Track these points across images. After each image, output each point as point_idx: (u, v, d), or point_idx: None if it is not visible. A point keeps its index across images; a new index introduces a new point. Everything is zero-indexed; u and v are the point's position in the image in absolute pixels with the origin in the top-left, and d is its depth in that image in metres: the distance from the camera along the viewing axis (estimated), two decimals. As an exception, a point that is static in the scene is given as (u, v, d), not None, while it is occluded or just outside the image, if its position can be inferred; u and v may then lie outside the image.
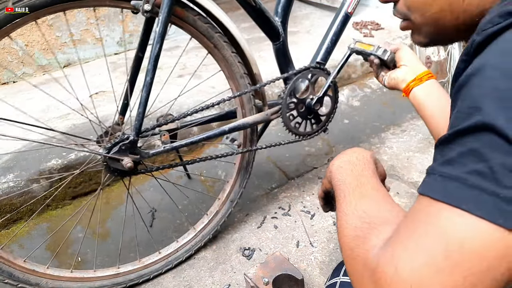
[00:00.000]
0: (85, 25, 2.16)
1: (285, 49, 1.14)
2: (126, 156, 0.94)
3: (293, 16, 2.85)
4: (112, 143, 0.93)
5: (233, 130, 1.07)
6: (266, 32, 1.09)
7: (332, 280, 0.69)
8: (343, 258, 0.46)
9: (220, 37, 0.98)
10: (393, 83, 0.89)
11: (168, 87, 1.21)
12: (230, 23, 0.99)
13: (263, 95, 1.12)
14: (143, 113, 0.92)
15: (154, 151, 0.99)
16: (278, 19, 1.10)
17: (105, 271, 1.08)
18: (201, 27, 0.96)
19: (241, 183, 1.20)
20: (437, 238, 0.34)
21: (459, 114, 0.36)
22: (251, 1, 0.99)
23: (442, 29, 0.51)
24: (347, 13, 1.17)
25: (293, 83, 1.10)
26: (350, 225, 0.46)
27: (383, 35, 2.42)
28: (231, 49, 1.01)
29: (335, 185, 0.58)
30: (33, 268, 0.98)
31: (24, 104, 1.77)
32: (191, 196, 1.40)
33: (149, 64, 0.90)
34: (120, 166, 0.94)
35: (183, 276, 1.16)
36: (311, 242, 1.24)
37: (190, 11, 0.94)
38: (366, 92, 2.12)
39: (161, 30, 0.88)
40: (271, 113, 1.12)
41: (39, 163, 1.40)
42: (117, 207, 1.43)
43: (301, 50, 2.13)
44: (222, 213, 1.21)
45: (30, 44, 2.05)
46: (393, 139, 1.73)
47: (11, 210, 1.34)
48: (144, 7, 0.87)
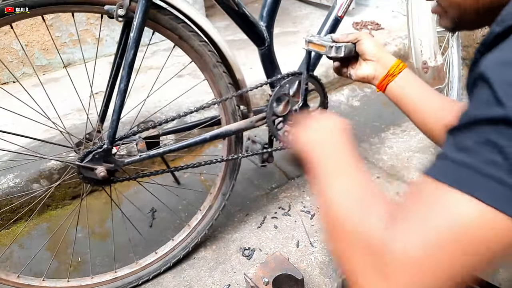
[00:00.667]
0: (85, 25, 2.16)
1: (271, 54, 1.11)
2: (100, 165, 0.91)
3: (293, 16, 2.86)
4: (85, 152, 0.91)
5: (215, 138, 1.04)
6: (251, 37, 1.06)
7: None
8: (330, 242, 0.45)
9: (200, 41, 0.96)
10: (361, 79, 0.84)
11: (167, 88, 1.21)
12: (212, 29, 0.97)
13: (248, 101, 1.09)
14: (117, 121, 0.90)
15: (129, 159, 0.96)
16: (263, 24, 1.06)
17: (102, 277, 1.08)
18: (182, 33, 0.94)
19: (231, 175, 1.18)
20: (447, 221, 0.35)
21: (478, 104, 0.37)
22: (233, 5, 0.96)
23: (464, 13, 0.52)
24: (337, 17, 1.14)
25: (278, 89, 1.05)
26: (340, 206, 0.45)
27: (383, 35, 2.42)
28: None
29: (314, 160, 0.55)
30: (28, 282, 0.97)
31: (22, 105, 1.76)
32: (191, 196, 1.40)
33: (123, 71, 0.88)
34: (94, 175, 0.92)
35: (183, 276, 1.16)
36: (311, 242, 1.24)
37: (168, 15, 0.92)
38: (366, 92, 2.12)
39: (135, 35, 0.85)
40: (255, 120, 1.08)
41: (39, 163, 1.40)
42: (115, 208, 1.43)
43: (301, 50, 2.13)
44: (216, 208, 1.19)
45: (30, 44, 2.05)
46: (393, 139, 1.73)
47: (11, 210, 1.34)
48: (118, 12, 0.85)
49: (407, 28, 1.32)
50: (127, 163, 0.96)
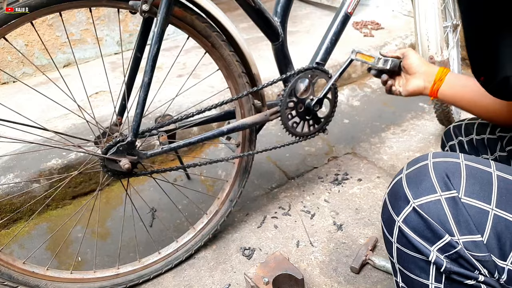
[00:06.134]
0: (85, 25, 2.16)
1: (285, 49, 1.14)
2: (123, 157, 0.93)
3: (293, 15, 2.85)
4: (110, 144, 0.92)
5: (232, 131, 1.07)
6: (265, 33, 1.08)
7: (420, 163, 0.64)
8: None
9: (217, 37, 0.98)
10: (413, 92, 0.92)
11: (167, 87, 1.21)
12: (229, 23, 0.99)
13: (262, 96, 1.12)
14: (141, 114, 0.92)
15: (152, 152, 0.99)
16: (278, 19, 1.09)
17: (105, 272, 1.08)
18: (198, 26, 0.95)
19: (240, 183, 1.20)
20: None
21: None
22: (250, 1, 0.98)
23: None
24: (347, 13, 1.17)
25: (292, 84, 1.10)
26: None
27: (383, 35, 2.42)
28: (229, 48, 1.00)
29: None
30: (33, 270, 0.98)
31: (23, 104, 1.77)
32: (191, 196, 1.40)
33: (147, 65, 0.90)
34: (117, 167, 0.94)
35: (183, 276, 1.16)
36: (311, 241, 1.24)
37: (189, 11, 0.94)
38: (366, 92, 2.12)
39: (159, 30, 0.88)
40: (270, 114, 1.11)
41: (39, 163, 1.40)
42: (117, 207, 1.44)
43: (301, 50, 2.13)
44: (222, 213, 1.21)
45: (30, 44, 2.05)
46: (393, 139, 1.73)
47: (11, 210, 1.34)
48: (142, 7, 0.87)
49: (413, 23, 1.33)
50: (150, 155, 0.98)
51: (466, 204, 0.55)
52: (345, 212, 1.34)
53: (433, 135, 1.74)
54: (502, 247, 0.54)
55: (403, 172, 0.63)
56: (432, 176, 0.59)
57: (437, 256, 0.57)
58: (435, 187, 0.58)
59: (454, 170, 0.58)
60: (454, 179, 0.57)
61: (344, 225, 1.29)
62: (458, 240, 0.55)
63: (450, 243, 0.56)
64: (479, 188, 0.56)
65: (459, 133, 0.94)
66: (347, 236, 1.25)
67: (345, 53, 2.19)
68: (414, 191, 0.59)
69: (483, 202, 0.55)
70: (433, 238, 0.57)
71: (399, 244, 0.62)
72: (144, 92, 0.91)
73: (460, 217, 0.55)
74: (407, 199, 0.59)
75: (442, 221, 0.56)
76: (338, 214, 1.34)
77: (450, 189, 0.57)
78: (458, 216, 0.55)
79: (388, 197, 0.64)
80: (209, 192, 1.48)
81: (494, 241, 0.54)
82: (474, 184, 0.57)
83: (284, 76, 1.11)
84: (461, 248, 0.55)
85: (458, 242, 0.55)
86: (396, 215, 0.60)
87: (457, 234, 0.55)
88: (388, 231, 0.63)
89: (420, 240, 0.58)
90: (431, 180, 0.58)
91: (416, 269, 0.61)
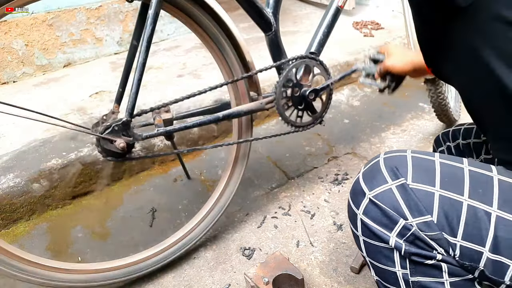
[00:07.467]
0: (85, 24, 2.16)
1: (278, 39, 1.16)
2: (119, 137, 0.94)
3: (293, 15, 2.86)
4: (106, 125, 0.93)
5: (228, 117, 1.08)
6: (258, 23, 1.10)
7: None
8: None
9: (211, 23, 0.99)
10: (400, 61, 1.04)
11: (168, 87, 1.21)
12: (222, 11, 1.00)
13: (257, 85, 1.14)
14: (136, 93, 0.93)
15: (147, 133, 1.00)
16: (270, 10, 1.12)
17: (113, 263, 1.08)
18: (192, 13, 0.97)
19: (237, 177, 1.20)
20: None
21: None
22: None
23: None
24: (338, 7, 1.22)
25: (287, 72, 1.11)
26: None
27: (383, 35, 2.42)
28: (222, 35, 1.01)
29: None
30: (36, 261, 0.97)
31: (23, 104, 1.76)
32: (191, 196, 1.40)
33: (142, 46, 0.90)
34: (113, 147, 0.94)
35: (183, 276, 1.16)
36: (311, 241, 1.24)
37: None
38: (366, 92, 2.12)
39: (153, 12, 0.89)
40: (265, 102, 1.13)
41: (39, 163, 1.40)
42: (117, 207, 1.44)
43: (301, 50, 2.13)
44: (219, 208, 1.20)
45: (30, 44, 2.05)
46: (393, 139, 1.73)
47: (11, 210, 1.34)
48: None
49: (404, 25, 1.36)
50: (145, 136, 0.99)
51: (414, 189, 0.61)
52: (345, 212, 1.34)
53: (433, 135, 1.74)
54: (450, 224, 0.60)
55: (360, 172, 0.69)
56: (383, 170, 0.65)
57: (397, 240, 0.62)
58: (386, 178, 0.64)
59: (402, 162, 0.65)
60: (402, 169, 0.64)
61: (344, 225, 1.29)
62: (412, 223, 0.61)
63: (405, 226, 0.61)
64: (424, 174, 0.63)
65: (447, 139, 0.99)
66: (347, 236, 1.25)
67: (345, 53, 2.19)
68: (369, 185, 0.65)
69: (428, 185, 0.61)
70: (391, 224, 0.62)
71: (364, 237, 0.67)
72: (139, 72, 0.91)
73: (411, 201, 0.61)
74: (363, 193, 0.65)
75: (396, 207, 0.62)
76: (338, 214, 1.34)
77: (399, 177, 0.63)
78: (409, 201, 0.61)
79: (350, 195, 0.70)
80: (209, 192, 1.48)
81: (443, 219, 0.60)
82: (420, 171, 0.63)
83: (279, 63, 1.12)
84: (416, 230, 0.61)
85: (412, 224, 0.61)
86: (357, 208, 0.66)
87: (410, 217, 0.61)
88: (354, 226, 0.69)
89: (380, 228, 0.64)
90: (382, 173, 0.65)
91: (382, 258, 0.66)
